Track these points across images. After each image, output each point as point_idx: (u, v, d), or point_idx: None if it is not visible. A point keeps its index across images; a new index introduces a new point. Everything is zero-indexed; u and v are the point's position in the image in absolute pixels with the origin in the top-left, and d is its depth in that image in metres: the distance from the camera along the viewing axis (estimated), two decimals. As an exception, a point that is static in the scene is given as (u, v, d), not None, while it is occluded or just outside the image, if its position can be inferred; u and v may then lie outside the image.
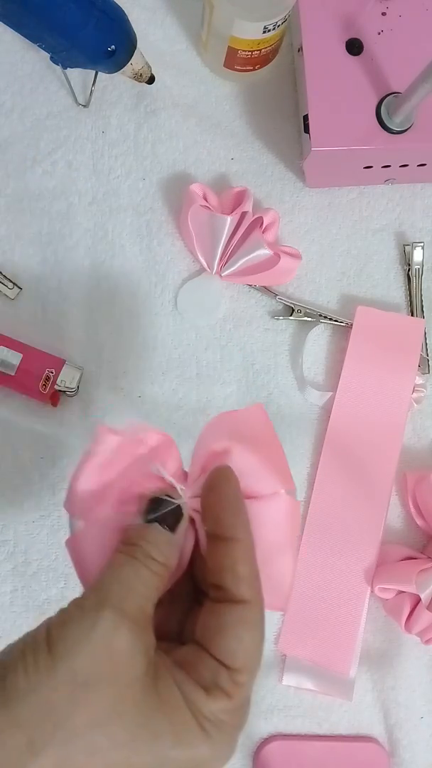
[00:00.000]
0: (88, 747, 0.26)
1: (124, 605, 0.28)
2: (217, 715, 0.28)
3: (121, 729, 0.26)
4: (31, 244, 0.56)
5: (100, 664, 0.27)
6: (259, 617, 0.29)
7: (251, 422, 0.35)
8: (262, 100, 0.60)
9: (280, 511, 0.33)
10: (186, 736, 0.27)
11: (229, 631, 0.29)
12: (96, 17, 0.50)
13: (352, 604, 0.53)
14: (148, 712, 0.27)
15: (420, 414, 0.57)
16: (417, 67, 0.46)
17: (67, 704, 0.26)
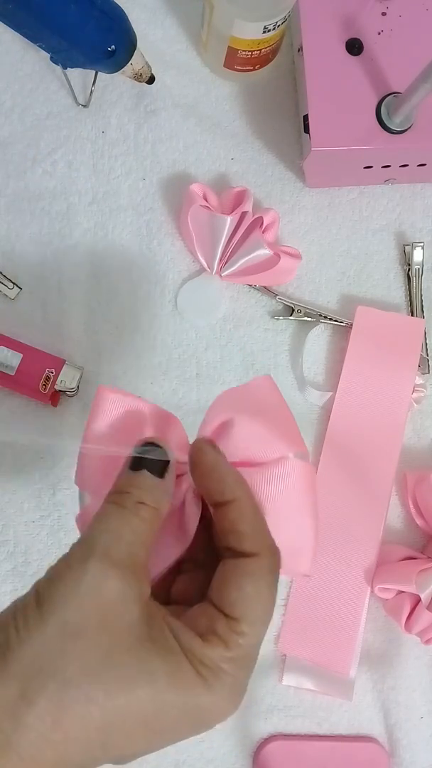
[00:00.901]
0: (84, 697, 0.26)
1: (112, 553, 0.28)
2: (215, 662, 0.27)
3: (116, 677, 0.26)
4: (31, 244, 0.56)
5: (90, 613, 0.27)
6: (264, 569, 0.29)
7: (258, 393, 0.35)
8: (262, 100, 0.60)
9: (291, 475, 0.32)
10: (182, 679, 0.27)
11: (230, 581, 0.29)
12: (96, 17, 0.50)
13: (352, 604, 0.53)
14: (142, 658, 0.27)
15: (420, 414, 0.57)
16: (417, 67, 0.46)
17: (59, 655, 0.26)
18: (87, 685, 0.26)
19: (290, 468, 0.33)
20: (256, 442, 0.32)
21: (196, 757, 0.53)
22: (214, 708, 0.28)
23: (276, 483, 0.32)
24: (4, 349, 0.53)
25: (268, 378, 0.36)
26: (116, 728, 0.26)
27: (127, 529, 0.29)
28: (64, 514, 0.54)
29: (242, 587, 0.29)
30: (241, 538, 0.30)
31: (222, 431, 0.33)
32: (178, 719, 0.27)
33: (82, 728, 0.26)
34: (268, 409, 0.35)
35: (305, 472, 0.33)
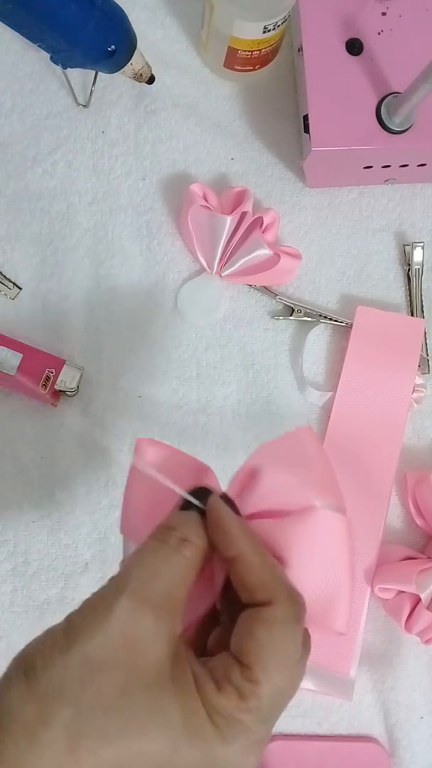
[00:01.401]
0: (97, 730, 0.26)
1: (146, 590, 0.28)
2: (229, 712, 0.27)
3: (130, 714, 0.26)
4: (31, 244, 0.56)
5: (114, 649, 0.27)
6: (278, 616, 0.28)
7: (296, 442, 0.34)
8: (262, 100, 0.60)
9: (318, 525, 0.31)
10: (196, 726, 0.27)
11: (243, 629, 0.29)
12: (96, 17, 0.50)
13: (352, 604, 0.53)
14: (159, 698, 0.27)
15: (420, 414, 0.57)
16: (417, 67, 0.46)
17: (78, 685, 0.26)
18: (102, 718, 0.26)
19: (318, 518, 0.31)
20: (282, 490, 0.32)
21: (196, 757, 0.53)
22: (229, 762, 0.27)
23: (300, 533, 0.31)
24: (4, 349, 0.53)
25: (309, 428, 0.35)
26: (127, 766, 0.26)
27: (165, 566, 0.29)
28: (64, 514, 0.54)
29: (253, 633, 0.28)
30: (251, 592, 0.29)
31: (250, 479, 0.32)
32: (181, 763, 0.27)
33: (94, 762, 0.26)
34: (305, 460, 0.33)
35: (336, 523, 0.32)
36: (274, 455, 0.33)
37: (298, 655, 0.29)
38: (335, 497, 0.33)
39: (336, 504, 0.32)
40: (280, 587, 0.29)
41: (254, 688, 0.27)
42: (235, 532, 0.30)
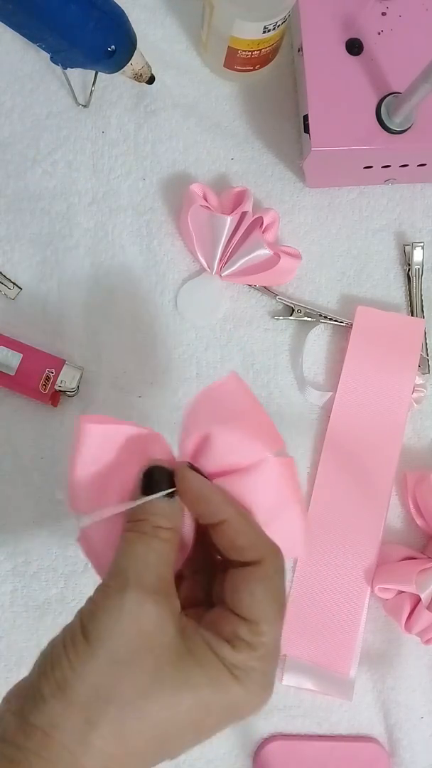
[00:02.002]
0: (139, 713, 0.29)
1: (144, 580, 0.30)
2: (246, 663, 0.31)
3: (165, 692, 0.29)
4: (31, 244, 0.56)
5: (134, 640, 0.29)
6: (269, 572, 0.32)
7: (228, 394, 0.37)
8: (262, 100, 0.60)
9: (272, 474, 0.34)
10: (221, 683, 0.30)
11: (241, 589, 0.31)
12: (96, 17, 0.50)
13: (352, 604, 0.53)
14: (186, 670, 0.30)
15: (420, 414, 0.57)
16: (417, 67, 0.46)
17: (113, 682, 0.29)
18: (142, 702, 0.29)
19: (270, 468, 0.34)
20: (235, 450, 0.34)
21: (196, 757, 0.53)
22: (249, 702, 0.31)
23: (260, 485, 0.34)
24: (4, 349, 0.53)
25: (234, 376, 0.37)
26: (170, 735, 0.30)
27: (152, 554, 0.31)
28: (64, 514, 0.54)
29: (253, 592, 0.31)
30: (242, 552, 0.32)
31: (202, 446, 0.34)
32: (220, 717, 0.31)
33: (141, 741, 0.29)
34: (241, 410, 0.36)
35: (285, 467, 0.35)
36: (216, 415, 0.35)
37: (286, 598, 0.33)
38: (278, 442, 0.35)
39: (281, 448, 0.35)
40: (267, 545, 0.32)
41: (261, 638, 0.31)
42: (218, 500, 0.33)
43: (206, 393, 0.37)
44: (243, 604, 0.31)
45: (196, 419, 0.35)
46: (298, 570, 0.54)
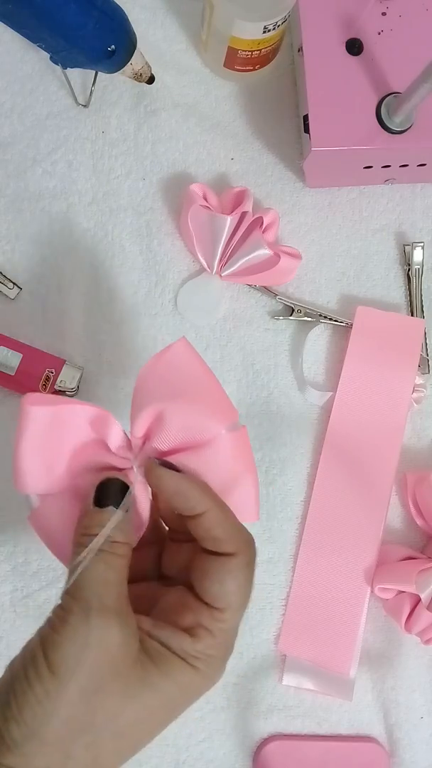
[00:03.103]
0: (115, 734, 0.29)
1: (106, 602, 0.30)
2: (204, 651, 0.31)
3: (136, 707, 0.30)
4: (31, 244, 0.56)
5: (102, 668, 0.29)
6: (242, 565, 0.32)
7: (178, 363, 0.36)
8: (262, 100, 0.60)
9: (227, 449, 0.34)
10: (184, 681, 0.31)
11: (212, 577, 0.32)
12: (96, 17, 0.50)
13: (352, 604, 0.53)
14: (153, 682, 0.30)
15: (420, 414, 0.57)
16: (417, 67, 0.46)
17: (85, 712, 0.29)
18: (114, 724, 0.29)
19: (226, 443, 0.34)
20: (189, 428, 0.33)
21: (196, 757, 0.53)
22: (205, 685, 0.32)
23: (214, 461, 0.34)
24: (4, 349, 0.53)
25: (182, 342, 0.37)
26: (140, 741, 0.31)
27: (111, 573, 0.31)
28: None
29: (223, 582, 0.31)
30: (218, 544, 0.32)
31: (155, 424, 0.34)
32: (182, 707, 0.32)
33: (115, 756, 0.30)
34: (193, 382, 0.36)
35: (239, 440, 0.35)
36: (166, 390, 0.34)
37: (252, 588, 0.33)
38: (231, 414, 0.35)
39: (234, 421, 0.35)
40: (242, 537, 0.32)
41: (223, 625, 0.31)
42: (195, 494, 0.32)
43: (155, 363, 0.36)
44: (211, 592, 0.31)
45: (147, 393, 0.34)
46: (298, 570, 0.54)
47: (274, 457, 0.56)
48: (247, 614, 0.53)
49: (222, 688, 0.53)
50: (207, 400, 0.35)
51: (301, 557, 0.54)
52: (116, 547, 0.31)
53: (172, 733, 0.53)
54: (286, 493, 0.55)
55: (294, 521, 0.55)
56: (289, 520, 0.55)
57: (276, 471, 0.56)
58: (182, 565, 0.35)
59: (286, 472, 0.56)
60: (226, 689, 0.53)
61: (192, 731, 0.53)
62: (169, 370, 0.36)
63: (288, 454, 0.56)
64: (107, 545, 0.31)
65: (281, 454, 0.56)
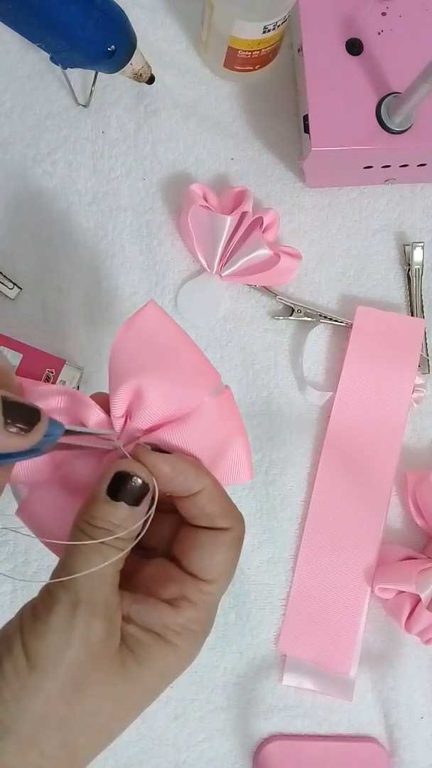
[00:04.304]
0: (92, 728, 0.29)
1: (96, 596, 0.29)
2: (185, 625, 0.30)
3: (117, 704, 0.29)
4: (31, 244, 0.56)
5: (84, 663, 0.28)
6: (234, 539, 0.32)
7: (150, 330, 0.34)
8: (262, 100, 0.60)
9: (213, 415, 0.33)
10: (164, 666, 0.30)
11: (203, 548, 0.31)
12: (96, 17, 0.50)
13: (352, 604, 0.53)
14: (132, 675, 0.29)
15: (420, 414, 0.57)
16: (417, 67, 0.46)
17: (64, 707, 0.28)
18: (94, 719, 0.28)
19: (209, 411, 0.33)
20: (170, 401, 0.32)
21: (196, 757, 0.53)
22: (183, 665, 0.31)
23: (203, 429, 0.32)
24: (4, 349, 0.53)
25: (151, 304, 0.34)
26: (115, 729, 0.30)
27: (109, 567, 0.29)
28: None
29: (214, 555, 0.31)
30: (213, 519, 0.31)
31: (135, 402, 0.32)
32: (159, 690, 0.31)
33: (91, 750, 0.29)
34: (169, 347, 0.33)
35: (224, 404, 0.33)
36: (142, 361, 0.32)
37: (237, 565, 0.32)
38: (213, 378, 0.33)
39: (216, 384, 0.33)
40: (235, 513, 0.32)
41: (207, 597, 0.31)
42: (193, 474, 0.31)
43: (126, 332, 0.33)
44: (200, 563, 0.31)
45: (122, 367, 0.32)
46: (298, 570, 0.54)
47: (274, 457, 0.56)
48: (247, 614, 0.54)
49: (222, 688, 0.53)
50: (185, 367, 0.33)
51: (301, 557, 0.54)
52: (118, 542, 0.30)
53: (172, 733, 0.53)
54: (286, 493, 0.55)
55: (294, 521, 0.55)
56: (289, 520, 0.55)
57: (276, 471, 0.56)
58: (163, 537, 0.33)
59: (286, 472, 0.56)
60: (226, 689, 0.53)
61: (192, 731, 0.53)
62: (142, 337, 0.33)
63: (288, 454, 0.56)
64: (110, 539, 0.30)
65: (281, 454, 0.56)
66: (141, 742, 0.53)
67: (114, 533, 0.29)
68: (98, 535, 0.29)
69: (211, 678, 0.53)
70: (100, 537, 0.29)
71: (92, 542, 0.29)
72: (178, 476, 0.31)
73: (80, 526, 0.30)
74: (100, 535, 0.29)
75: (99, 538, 0.29)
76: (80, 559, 0.29)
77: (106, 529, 0.29)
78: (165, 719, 0.53)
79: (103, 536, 0.29)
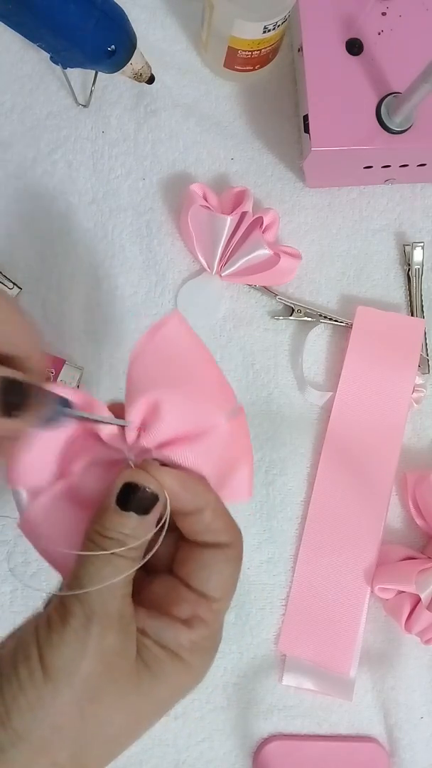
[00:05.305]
0: (104, 741, 0.29)
1: (109, 609, 0.29)
2: (197, 642, 0.31)
3: (130, 717, 0.29)
4: (31, 244, 0.56)
5: (99, 675, 0.28)
6: (237, 555, 0.32)
7: (173, 342, 0.34)
8: (262, 100, 0.60)
9: (226, 438, 0.33)
10: (177, 682, 0.31)
11: (211, 567, 0.31)
12: (96, 17, 0.50)
13: (352, 604, 0.53)
14: (146, 688, 0.30)
15: (420, 414, 0.57)
16: (417, 67, 0.47)
17: (77, 719, 0.28)
18: (106, 731, 0.29)
19: (223, 433, 0.32)
20: (186, 418, 0.32)
21: (195, 757, 0.53)
22: (194, 682, 0.32)
23: (212, 451, 0.32)
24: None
25: (176, 316, 0.34)
26: (125, 742, 0.30)
27: (120, 579, 0.29)
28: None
29: (222, 572, 0.32)
30: (217, 534, 0.32)
31: (151, 415, 0.31)
32: (170, 706, 0.31)
33: (100, 759, 0.29)
34: (189, 363, 0.33)
35: (237, 426, 0.33)
36: (162, 374, 0.32)
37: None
38: (229, 398, 0.34)
39: (232, 406, 0.33)
40: (236, 528, 0.33)
41: (216, 615, 0.32)
42: (199, 490, 0.31)
43: (149, 340, 0.33)
44: (210, 583, 0.31)
45: (142, 377, 0.32)
46: (298, 570, 0.54)
47: (274, 457, 0.56)
48: (247, 614, 0.54)
49: (222, 688, 0.53)
50: (205, 385, 0.33)
51: (301, 557, 0.54)
52: (129, 552, 0.29)
53: (172, 733, 0.53)
54: (286, 493, 0.55)
55: (294, 521, 0.55)
56: (289, 520, 0.55)
57: (276, 471, 0.56)
58: (162, 554, 0.33)
59: (286, 472, 0.56)
60: (226, 689, 0.53)
61: (192, 731, 0.53)
62: (164, 349, 0.33)
63: (288, 454, 0.56)
64: (123, 550, 0.29)
65: (281, 454, 0.56)
66: (141, 742, 0.52)
67: (125, 544, 0.29)
68: (108, 545, 0.29)
69: (211, 678, 0.53)
70: (110, 548, 0.29)
71: (103, 553, 0.29)
72: (186, 492, 0.31)
73: (91, 537, 0.30)
74: (110, 546, 0.29)
75: (110, 549, 0.29)
76: (92, 571, 0.29)
77: (117, 540, 0.29)
78: (165, 719, 0.52)
79: (113, 547, 0.29)
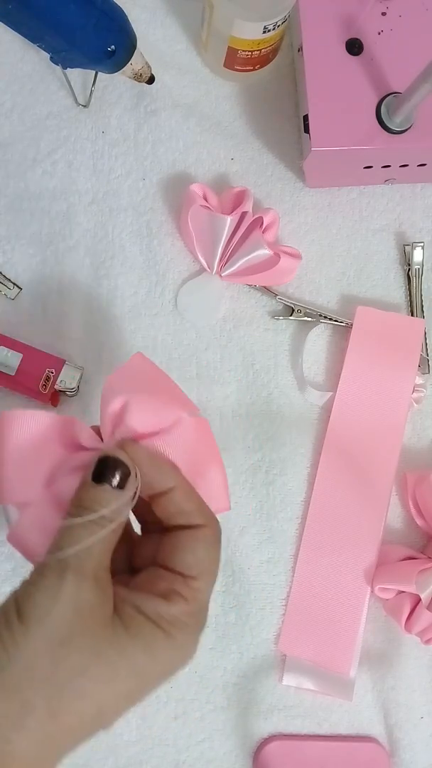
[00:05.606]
0: (77, 692, 0.29)
1: (84, 567, 0.31)
2: (178, 617, 0.32)
3: (102, 668, 0.30)
4: (31, 244, 0.56)
5: (71, 621, 0.30)
6: (212, 536, 0.34)
7: (139, 372, 0.39)
8: (262, 100, 0.60)
9: (189, 432, 0.36)
10: (155, 649, 0.31)
11: (184, 547, 0.33)
12: (96, 17, 0.50)
13: (352, 604, 0.53)
14: (122, 645, 0.31)
15: (420, 414, 0.57)
16: (417, 67, 0.47)
17: (49, 663, 0.29)
18: (78, 681, 0.29)
19: (188, 426, 0.36)
20: (152, 414, 0.35)
21: (195, 757, 0.53)
22: (178, 657, 0.33)
23: (180, 443, 0.35)
24: (4, 349, 0.53)
25: (138, 356, 0.40)
26: (106, 708, 0.30)
27: (97, 545, 0.31)
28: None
29: (195, 551, 0.33)
30: (189, 516, 0.34)
31: (121, 415, 0.35)
32: (154, 680, 0.32)
33: (77, 718, 0.29)
34: (155, 384, 0.38)
35: (200, 426, 0.37)
36: (130, 387, 0.36)
37: (219, 567, 0.34)
38: (191, 407, 0.37)
39: (195, 410, 0.37)
40: (209, 511, 0.34)
41: (196, 594, 0.33)
42: (167, 468, 0.34)
43: (119, 371, 0.38)
44: (184, 561, 0.33)
45: (113, 392, 0.36)
46: (298, 570, 0.54)
47: (274, 457, 0.56)
48: (247, 614, 0.54)
49: (222, 688, 0.53)
50: (168, 393, 0.37)
51: (301, 557, 0.54)
52: (106, 523, 0.32)
53: (172, 733, 0.53)
54: (286, 493, 0.55)
55: (294, 521, 0.55)
56: (289, 520, 0.55)
57: (276, 471, 0.56)
58: (149, 555, 0.36)
59: (286, 472, 0.56)
60: (226, 689, 0.53)
61: (192, 731, 0.53)
62: (132, 374, 0.38)
63: (288, 454, 0.56)
64: (98, 519, 0.32)
65: (281, 454, 0.56)
66: (141, 742, 0.53)
67: (102, 513, 0.32)
68: (85, 514, 0.32)
69: (211, 678, 0.53)
70: (87, 516, 0.32)
71: (80, 520, 0.31)
72: (154, 467, 0.34)
73: (70, 512, 0.32)
74: (87, 514, 0.32)
75: (86, 516, 0.32)
76: (68, 537, 0.31)
77: (93, 510, 0.32)
78: (165, 719, 0.53)
79: (89, 515, 0.32)
